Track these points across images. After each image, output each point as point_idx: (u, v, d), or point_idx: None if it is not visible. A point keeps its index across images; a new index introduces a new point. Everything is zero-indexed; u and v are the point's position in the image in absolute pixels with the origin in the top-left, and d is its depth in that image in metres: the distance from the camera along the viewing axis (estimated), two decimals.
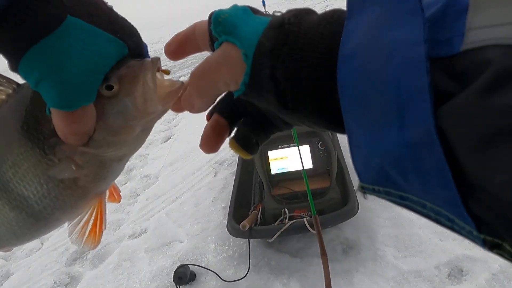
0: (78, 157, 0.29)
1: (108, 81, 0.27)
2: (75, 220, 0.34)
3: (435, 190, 0.15)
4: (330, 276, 1.29)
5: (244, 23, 0.22)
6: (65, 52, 0.24)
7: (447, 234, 1.37)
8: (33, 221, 0.31)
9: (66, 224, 0.35)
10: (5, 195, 0.30)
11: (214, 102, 0.26)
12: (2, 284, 1.80)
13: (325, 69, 0.20)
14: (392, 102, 0.15)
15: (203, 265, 1.51)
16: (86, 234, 0.34)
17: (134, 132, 0.29)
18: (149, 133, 0.32)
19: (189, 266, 1.48)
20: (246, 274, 1.39)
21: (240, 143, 0.27)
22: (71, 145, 0.28)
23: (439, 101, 0.14)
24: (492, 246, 0.14)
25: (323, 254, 0.68)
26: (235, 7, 0.24)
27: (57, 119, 0.26)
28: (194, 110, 0.26)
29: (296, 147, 1.26)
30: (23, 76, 0.25)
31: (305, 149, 1.60)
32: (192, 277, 1.47)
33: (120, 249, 1.80)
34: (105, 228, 0.35)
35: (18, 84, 0.29)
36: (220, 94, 0.26)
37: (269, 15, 0.24)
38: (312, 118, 0.23)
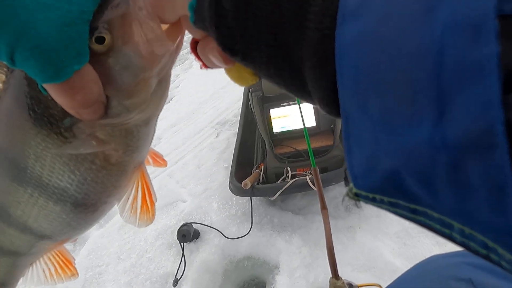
0: (100, 132, 0.25)
1: (96, 32, 0.21)
2: (123, 199, 0.31)
3: (479, 212, 0.10)
4: (332, 232, 1.29)
5: None
6: (18, 7, 0.18)
7: None
8: (82, 209, 0.29)
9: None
10: (43, 191, 0.27)
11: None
12: None
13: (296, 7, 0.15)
14: (427, 81, 0.10)
15: (206, 223, 1.53)
16: (139, 210, 0.31)
17: (150, 87, 0.24)
18: (169, 82, 0.27)
19: (193, 224, 1.49)
20: (249, 231, 1.40)
21: None
22: (88, 121, 0.23)
23: (507, 83, 0.09)
24: None
25: (324, 208, 0.65)
26: None
27: (55, 95, 0.21)
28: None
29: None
30: None
31: (309, 106, 1.54)
32: (196, 235, 1.49)
33: None
34: (155, 200, 0.32)
35: (7, 66, 0.24)
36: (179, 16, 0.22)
37: None
38: (276, 77, 0.17)
